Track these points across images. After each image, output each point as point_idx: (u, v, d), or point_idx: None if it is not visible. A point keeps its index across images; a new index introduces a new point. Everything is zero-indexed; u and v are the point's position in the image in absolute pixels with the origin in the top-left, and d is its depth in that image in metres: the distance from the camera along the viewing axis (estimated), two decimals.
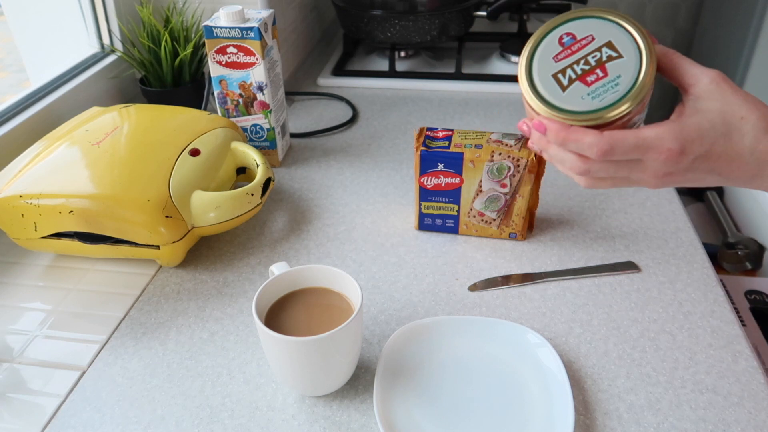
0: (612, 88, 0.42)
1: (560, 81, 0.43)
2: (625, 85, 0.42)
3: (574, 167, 0.45)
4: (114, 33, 1.01)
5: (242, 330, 0.61)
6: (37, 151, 0.70)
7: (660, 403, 0.53)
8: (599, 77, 0.43)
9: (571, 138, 0.43)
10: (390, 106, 1.06)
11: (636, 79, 0.42)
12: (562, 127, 0.43)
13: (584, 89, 0.43)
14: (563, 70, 0.44)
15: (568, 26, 0.44)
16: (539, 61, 0.44)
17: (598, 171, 0.44)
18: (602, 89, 0.42)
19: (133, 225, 0.63)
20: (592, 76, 0.43)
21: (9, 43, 3.96)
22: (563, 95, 0.43)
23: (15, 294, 0.66)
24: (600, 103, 0.42)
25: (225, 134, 0.75)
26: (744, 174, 0.43)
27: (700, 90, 0.43)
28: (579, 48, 0.44)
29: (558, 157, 0.46)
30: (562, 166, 0.46)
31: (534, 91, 0.44)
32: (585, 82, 0.43)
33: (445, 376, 0.54)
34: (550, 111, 0.43)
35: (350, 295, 0.53)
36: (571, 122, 0.43)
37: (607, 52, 0.43)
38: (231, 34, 0.78)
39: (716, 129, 0.42)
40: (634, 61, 0.42)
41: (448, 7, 1.11)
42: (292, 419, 0.52)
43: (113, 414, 0.53)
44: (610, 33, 0.43)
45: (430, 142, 0.68)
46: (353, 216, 0.77)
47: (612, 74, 0.43)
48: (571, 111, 0.43)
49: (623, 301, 0.63)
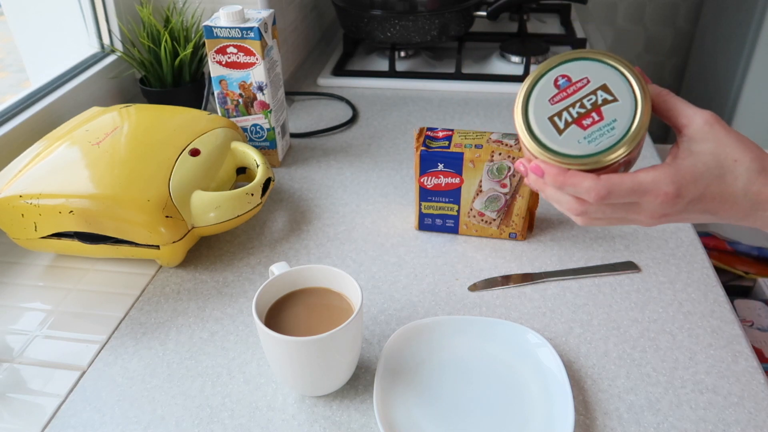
0: (608, 132, 0.43)
1: (556, 124, 0.44)
2: (620, 129, 0.43)
3: (571, 209, 0.46)
4: (114, 33, 1.01)
5: (242, 330, 0.61)
6: (37, 151, 0.70)
7: (660, 403, 0.53)
8: (595, 121, 0.43)
9: (569, 182, 0.43)
10: (390, 106, 1.06)
11: (631, 124, 0.42)
12: (560, 171, 0.43)
13: (580, 133, 0.43)
14: (559, 113, 0.44)
15: (563, 68, 0.45)
16: (535, 103, 0.45)
17: (595, 213, 0.45)
18: (598, 133, 0.43)
19: (133, 225, 0.63)
20: (588, 120, 0.43)
21: (9, 43, 3.96)
22: (560, 139, 0.43)
23: (15, 294, 0.66)
24: (596, 148, 0.43)
25: (225, 134, 0.75)
26: (737, 214, 0.44)
27: (694, 131, 0.43)
28: (574, 91, 0.44)
29: (555, 198, 0.46)
30: (559, 206, 0.47)
31: (531, 134, 0.44)
32: (581, 126, 0.43)
33: (445, 376, 0.54)
34: (546, 154, 0.44)
35: (350, 295, 0.53)
36: (568, 166, 0.43)
37: (602, 95, 0.43)
38: (231, 34, 0.78)
39: (711, 171, 0.43)
40: (629, 104, 0.43)
41: (448, 7, 1.11)
42: (292, 419, 0.52)
43: (113, 414, 0.53)
44: (605, 76, 0.44)
45: (430, 142, 0.68)
46: (353, 216, 0.77)
47: (608, 118, 0.43)
48: (568, 155, 0.43)
49: (623, 301, 0.63)
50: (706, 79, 1.95)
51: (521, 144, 0.46)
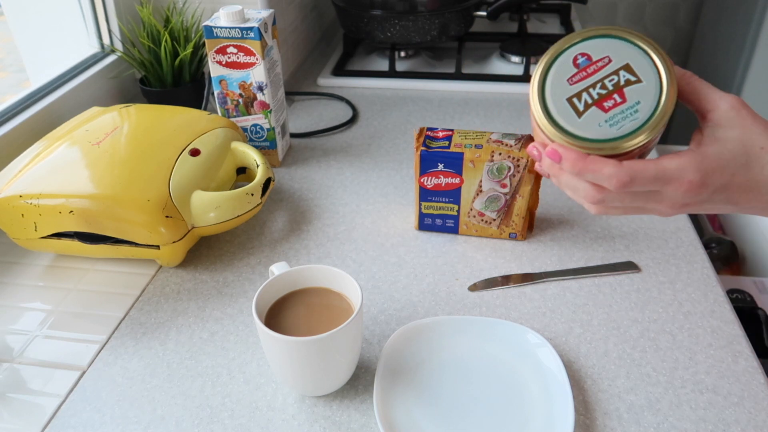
0: (631, 116, 0.40)
1: (575, 106, 0.41)
2: (644, 112, 0.40)
3: (588, 196, 0.43)
4: (114, 33, 1.01)
5: (242, 330, 0.61)
6: (37, 151, 0.70)
7: (660, 403, 0.53)
8: (617, 103, 0.40)
9: (589, 168, 0.40)
10: (390, 106, 1.06)
11: (656, 107, 0.40)
12: (580, 156, 0.41)
13: (602, 115, 0.40)
14: (578, 93, 0.41)
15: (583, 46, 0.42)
16: (552, 83, 0.42)
17: (613, 200, 0.43)
18: (621, 116, 0.40)
19: (133, 225, 0.63)
20: (610, 102, 0.41)
21: (9, 43, 3.96)
22: (579, 121, 0.41)
23: (15, 294, 0.66)
24: (618, 132, 0.40)
25: (225, 134, 0.75)
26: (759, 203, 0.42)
27: (719, 117, 0.41)
28: (595, 70, 0.41)
29: (571, 185, 0.44)
30: (574, 194, 0.44)
31: (548, 116, 0.41)
32: (602, 108, 0.41)
33: (445, 376, 0.54)
34: (565, 138, 0.41)
35: (350, 295, 0.53)
36: (588, 151, 0.41)
37: (625, 76, 0.41)
38: (231, 34, 0.78)
39: (737, 160, 0.40)
40: (654, 86, 0.40)
41: (448, 7, 1.11)
42: (292, 419, 0.52)
43: (113, 414, 0.53)
44: (628, 55, 0.41)
45: (430, 142, 0.68)
46: (353, 216, 0.77)
47: (631, 100, 0.40)
48: (588, 139, 0.40)
49: (623, 301, 0.63)
50: (706, 79, 1.95)
51: (536, 126, 0.43)
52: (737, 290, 0.99)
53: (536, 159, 0.45)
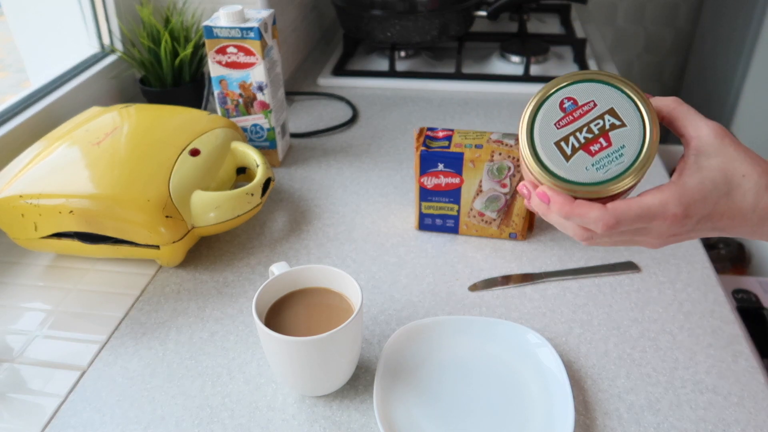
0: (616, 159, 0.42)
1: (563, 150, 0.43)
2: (629, 156, 0.42)
3: (576, 234, 0.45)
4: (114, 33, 1.01)
5: (242, 330, 0.61)
6: (37, 151, 0.70)
7: (660, 403, 0.53)
8: (603, 147, 0.42)
9: (576, 212, 0.42)
10: (390, 106, 1.06)
11: (640, 151, 0.42)
12: (567, 200, 0.42)
13: (588, 159, 0.42)
14: (566, 137, 0.43)
15: (569, 90, 0.44)
16: (540, 127, 0.43)
17: (601, 239, 0.45)
18: (606, 160, 0.42)
19: (133, 225, 0.63)
20: (596, 146, 0.42)
21: (9, 43, 3.96)
22: (567, 165, 0.42)
23: (15, 294, 0.66)
24: (605, 175, 0.42)
25: (225, 134, 0.75)
26: (746, 229, 0.43)
27: (702, 144, 0.43)
28: (581, 114, 0.43)
29: (559, 224, 0.46)
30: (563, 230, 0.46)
31: (537, 159, 0.43)
32: (589, 152, 0.42)
33: (445, 376, 0.54)
34: (553, 181, 0.42)
35: (350, 295, 0.53)
36: (575, 194, 0.42)
37: (609, 120, 0.42)
38: (231, 34, 0.78)
39: (718, 189, 0.42)
40: (637, 129, 0.42)
41: (448, 7, 1.11)
42: (292, 419, 0.52)
43: (113, 414, 0.53)
44: (612, 99, 0.43)
45: (430, 142, 0.68)
46: (353, 216, 0.77)
47: (616, 144, 0.42)
48: (576, 182, 0.42)
49: (623, 301, 0.63)
50: (706, 80, 1.95)
51: (525, 167, 0.44)
52: (743, 290, 0.99)
53: (525, 197, 0.46)
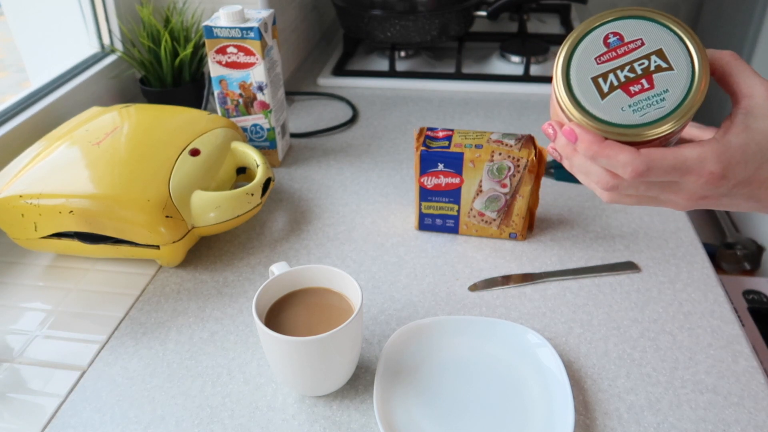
0: (656, 104, 0.38)
1: (600, 86, 0.39)
2: (671, 102, 0.38)
3: (600, 182, 0.41)
4: (114, 33, 1.01)
5: (242, 330, 0.61)
6: (37, 151, 0.70)
7: (660, 403, 0.53)
8: (644, 89, 0.39)
9: (605, 153, 0.39)
10: (390, 106, 1.06)
11: (684, 98, 0.38)
12: (596, 139, 0.39)
13: (626, 100, 0.39)
14: (605, 74, 0.39)
15: (616, 25, 0.40)
16: (579, 59, 0.40)
17: (627, 189, 0.41)
18: (646, 103, 0.38)
19: (133, 225, 0.63)
20: (636, 86, 0.39)
21: (9, 43, 3.96)
22: (602, 103, 0.39)
23: (15, 294, 0.66)
24: (641, 119, 0.38)
25: (225, 134, 0.75)
26: None
27: (753, 105, 0.39)
28: (625, 52, 0.39)
29: (583, 169, 0.42)
30: (586, 178, 0.42)
31: (570, 93, 0.39)
32: (627, 92, 0.39)
33: (445, 376, 0.54)
34: (584, 119, 0.39)
35: (350, 295, 0.53)
36: (606, 134, 0.39)
37: (656, 62, 0.39)
38: (231, 34, 0.78)
39: (763, 153, 0.38)
40: (685, 76, 0.38)
41: (448, 7, 1.11)
42: (292, 419, 0.52)
43: (113, 414, 0.53)
44: (662, 39, 0.39)
45: (430, 142, 0.68)
46: (353, 216, 0.77)
47: (659, 87, 0.38)
48: (609, 122, 0.39)
49: (623, 301, 0.63)
50: None
51: (555, 103, 0.41)
52: (754, 291, 0.98)
53: (550, 138, 0.42)
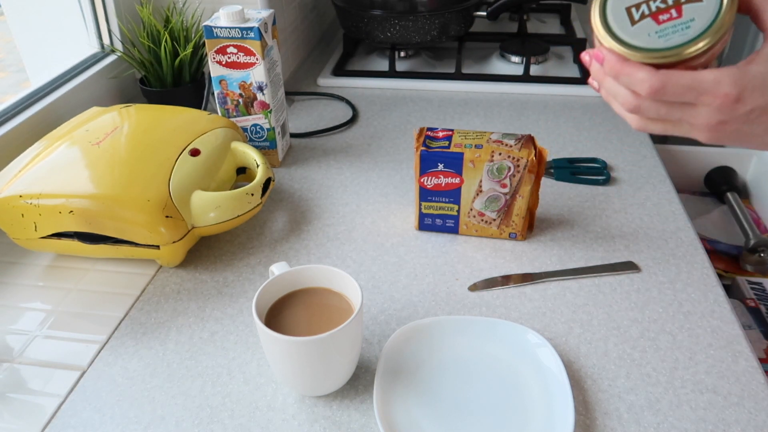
0: (681, 30, 0.41)
1: (632, 15, 0.43)
2: (695, 29, 0.41)
3: (625, 102, 0.44)
4: (114, 33, 1.01)
5: (242, 330, 0.61)
6: (37, 151, 0.70)
7: (660, 403, 0.53)
8: (672, 17, 0.42)
9: (624, 71, 0.42)
10: (390, 106, 1.06)
11: (708, 27, 0.41)
12: (619, 59, 0.42)
13: (653, 27, 0.42)
14: (638, 4, 0.43)
15: None
16: None
17: (649, 110, 0.43)
18: (671, 30, 0.41)
19: (133, 225, 0.63)
20: (665, 15, 0.42)
21: (9, 43, 3.97)
22: (631, 29, 0.42)
23: (15, 294, 0.66)
24: (665, 43, 0.41)
25: (225, 134, 0.75)
26: None
27: None
28: None
29: (612, 91, 0.45)
30: (616, 101, 0.46)
31: (603, 20, 0.43)
32: (656, 20, 0.42)
33: (445, 376, 0.54)
34: (612, 42, 0.43)
35: (350, 295, 0.53)
36: (631, 57, 0.42)
37: None
38: (231, 34, 0.78)
39: None
40: (712, 7, 0.41)
41: (448, 7, 1.11)
42: (292, 419, 0.52)
43: (113, 414, 0.53)
44: None
45: (430, 142, 0.68)
46: (353, 216, 0.77)
47: (686, 16, 0.41)
48: (634, 46, 0.42)
49: (623, 301, 0.63)
50: None
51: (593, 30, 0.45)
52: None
53: (586, 65, 0.46)
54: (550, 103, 1.06)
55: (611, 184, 0.82)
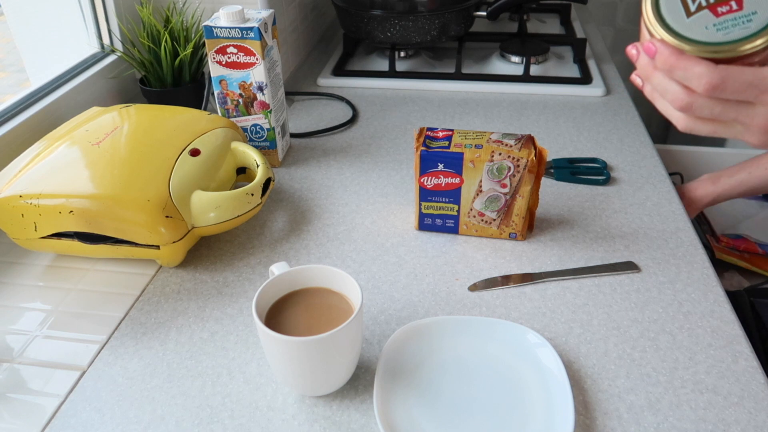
0: (742, 24, 0.38)
1: (687, 5, 0.40)
2: (758, 22, 0.38)
3: (676, 99, 0.41)
4: (114, 33, 1.01)
5: (242, 330, 0.61)
6: (37, 151, 0.70)
7: (660, 403, 0.53)
8: (732, 10, 0.39)
9: (680, 65, 0.39)
10: (390, 106, 1.06)
11: None
12: (674, 52, 0.39)
13: (711, 19, 0.39)
14: None
15: None
16: None
17: (702, 108, 0.40)
18: (731, 23, 0.38)
19: (133, 225, 0.63)
20: (724, 7, 0.39)
21: (9, 43, 3.97)
22: (686, 21, 0.39)
23: (15, 294, 0.66)
24: (724, 37, 0.38)
25: (225, 134, 0.75)
26: None
27: None
28: None
29: (661, 87, 0.42)
30: (662, 100, 0.43)
31: (656, 10, 0.40)
32: (714, 12, 0.39)
33: (445, 376, 0.54)
34: (667, 34, 0.40)
35: (350, 295, 0.53)
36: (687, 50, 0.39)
37: None
38: (231, 34, 0.78)
39: None
40: None
41: (448, 7, 1.11)
42: (292, 419, 0.52)
43: (113, 414, 0.53)
44: None
45: (430, 142, 0.68)
46: (353, 216, 0.77)
47: (747, 9, 0.38)
48: (690, 39, 0.39)
49: (623, 301, 0.63)
50: None
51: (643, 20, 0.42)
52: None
53: (633, 59, 0.43)
54: (550, 103, 1.06)
55: (611, 184, 0.82)
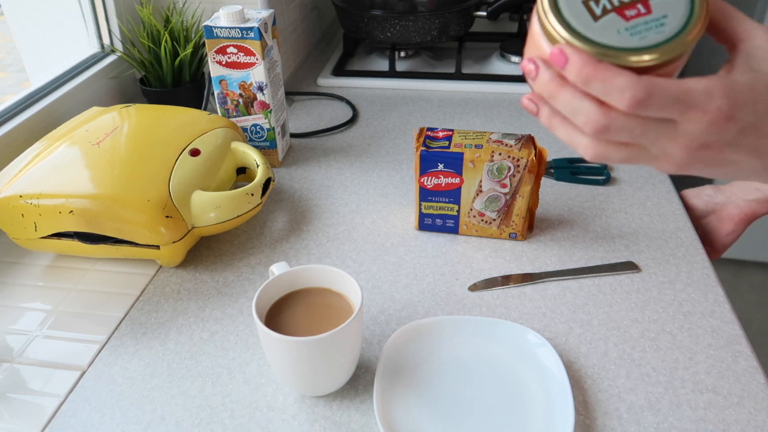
0: (655, 28, 0.34)
1: (592, 10, 0.35)
2: (671, 27, 0.34)
3: (590, 121, 0.35)
4: (114, 33, 1.01)
5: (242, 330, 0.61)
6: (37, 151, 0.70)
7: (660, 403, 0.53)
8: (640, 13, 0.35)
9: (600, 75, 0.33)
10: (390, 106, 1.06)
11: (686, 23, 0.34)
12: (590, 60, 0.33)
13: (621, 23, 0.35)
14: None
15: None
16: None
17: (620, 130, 0.35)
18: (644, 27, 0.34)
19: (133, 225, 0.63)
20: (632, 11, 0.35)
21: (9, 43, 3.97)
22: (595, 25, 0.35)
23: (15, 294, 0.66)
24: (642, 42, 0.34)
25: (225, 134, 0.75)
26: None
27: (753, 48, 0.35)
28: None
29: (569, 107, 0.35)
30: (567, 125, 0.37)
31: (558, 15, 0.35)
32: (622, 16, 0.35)
33: (445, 376, 0.54)
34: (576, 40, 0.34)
35: (350, 295, 0.53)
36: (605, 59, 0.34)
37: None
38: (231, 34, 0.78)
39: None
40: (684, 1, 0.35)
41: (448, 7, 1.11)
42: (292, 419, 0.52)
43: (113, 414, 0.53)
44: None
45: (430, 142, 0.68)
46: (353, 216, 0.77)
47: (656, 13, 0.35)
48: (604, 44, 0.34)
49: (623, 301, 0.63)
50: None
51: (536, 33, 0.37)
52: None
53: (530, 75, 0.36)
54: None
55: (611, 184, 0.82)
